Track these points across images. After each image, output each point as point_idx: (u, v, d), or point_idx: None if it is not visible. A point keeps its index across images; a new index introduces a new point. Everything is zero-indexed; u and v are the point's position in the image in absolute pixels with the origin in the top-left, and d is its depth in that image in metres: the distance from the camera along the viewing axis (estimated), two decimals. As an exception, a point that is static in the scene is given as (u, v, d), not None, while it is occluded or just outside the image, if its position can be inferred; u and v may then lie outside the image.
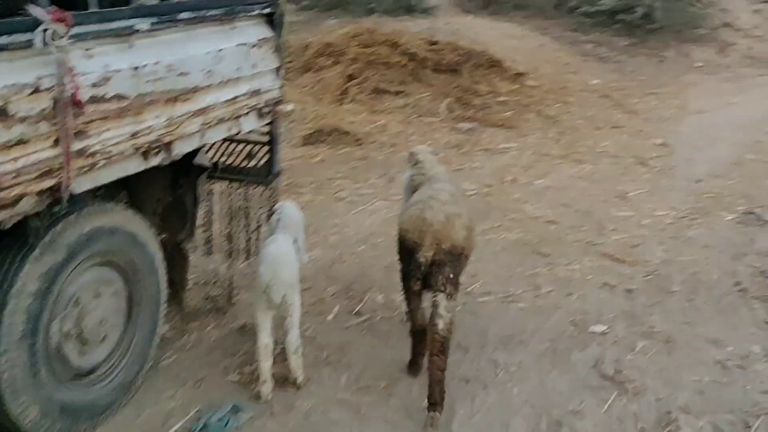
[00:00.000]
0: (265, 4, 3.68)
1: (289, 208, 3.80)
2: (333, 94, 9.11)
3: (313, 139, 7.87)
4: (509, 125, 8.61)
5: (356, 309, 4.34)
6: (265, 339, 3.42)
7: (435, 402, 3.28)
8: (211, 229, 4.33)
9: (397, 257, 3.58)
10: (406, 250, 3.43)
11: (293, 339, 3.47)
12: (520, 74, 10.02)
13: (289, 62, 9.90)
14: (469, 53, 9.83)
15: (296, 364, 3.52)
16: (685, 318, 4.29)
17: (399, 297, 4.44)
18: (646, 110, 9.84)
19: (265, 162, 4.02)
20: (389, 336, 4.04)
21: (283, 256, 3.47)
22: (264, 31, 3.72)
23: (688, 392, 3.54)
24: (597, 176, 7.13)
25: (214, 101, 3.32)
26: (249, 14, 3.62)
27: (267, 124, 3.89)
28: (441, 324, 3.27)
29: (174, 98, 3.06)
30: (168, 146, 3.10)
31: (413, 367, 3.70)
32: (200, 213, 4.11)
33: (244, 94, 3.57)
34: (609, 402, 3.48)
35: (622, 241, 5.48)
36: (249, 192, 4.13)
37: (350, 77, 9.36)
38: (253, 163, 4.05)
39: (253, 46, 3.60)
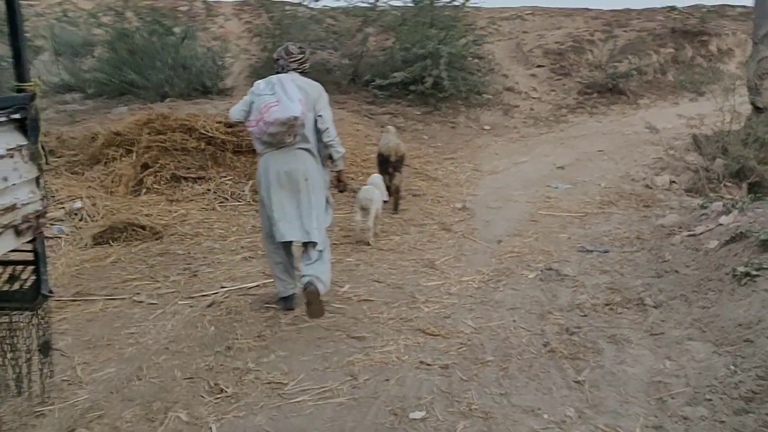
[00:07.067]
0: (12, 109, 3.26)
1: (376, 177, 7.81)
2: (126, 185, 8.55)
3: (105, 237, 7.25)
4: (316, 202, 8.52)
5: (157, 433, 3.88)
6: (358, 218, 7.17)
7: (397, 209, 8.42)
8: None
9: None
10: (383, 159, 8.15)
11: (366, 224, 7.14)
12: (323, 149, 10.04)
13: (75, 155, 9.23)
14: (269, 132, 9.69)
15: (368, 236, 7.17)
16: (500, 389, 4.26)
17: (205, 411, 4.07)
18: (444, 175, 10.24)
19: (32, 284, 3.50)
20: (195, 461, 3.63)
21: (368, 188, 7.28)
22: (15, 139, 3.28)
23: (510, 472, 3.45)
24: (404, 247, 7.18)
25: (-47, 226, 2.83)
26: (-7, 122, 3.18)
27: (29, 242, 3.40)
28: (395, 183, 8.19)
29: None
30: None
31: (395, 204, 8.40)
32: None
33: (-7, 213, 3.09)
34: (435, 498, 3.31)
35: (434, 313, 5.46)
36: (14, 320, 3.56)
37: (145, 166, 8.86)
38: (16, 286, 3.51)
39: (2, 157, 3.15)
